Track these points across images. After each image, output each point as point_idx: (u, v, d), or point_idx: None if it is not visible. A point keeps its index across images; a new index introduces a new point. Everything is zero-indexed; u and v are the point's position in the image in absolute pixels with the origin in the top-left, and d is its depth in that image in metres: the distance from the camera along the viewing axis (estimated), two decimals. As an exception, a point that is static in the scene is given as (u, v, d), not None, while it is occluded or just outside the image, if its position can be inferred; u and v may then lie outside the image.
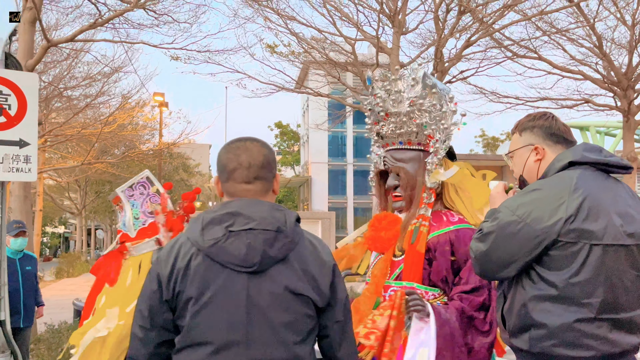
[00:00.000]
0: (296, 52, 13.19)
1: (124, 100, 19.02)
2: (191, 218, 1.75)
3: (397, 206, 2.52)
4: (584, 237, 1.61)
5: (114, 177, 26.31)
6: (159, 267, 1.52)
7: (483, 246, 1.73)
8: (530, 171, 1.86)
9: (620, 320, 1.62)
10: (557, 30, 12.64)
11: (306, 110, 31.36)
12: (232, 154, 1.56)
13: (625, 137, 13.72)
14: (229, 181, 1.57)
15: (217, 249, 1.46)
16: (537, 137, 1.85)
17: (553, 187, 1.70)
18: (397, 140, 2.57)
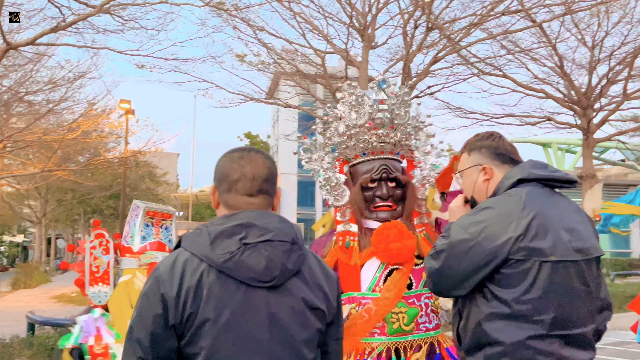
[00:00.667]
0: (266, 62, 13.16)
1: (89, 106, 18.57)
2: (187, 232, 1.48)
3: (385, 216, 2.45)
4: (534, 254, 1.63)
5: (77, 185, 25.61)
6: (162, 287, 1.31)
7: (436, 264, 1.74)
8: (479, 191, 1.87)
9: (571, 336, 1.63)
10: (521, 50, 13.03)
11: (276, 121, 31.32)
12: (236, 164, 1.46)
13: (584, 155, 14.19)
14: (230, 192, 1.45)
15: (234, 264, 1.32)
16: (484, 157, 1.87)
17: (503, 206, 1.71)
18: (396, 150, 2.56)
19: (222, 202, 1.47)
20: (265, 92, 14.02)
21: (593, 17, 12.45)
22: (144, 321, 1.32)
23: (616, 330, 9.12)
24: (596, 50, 12.93)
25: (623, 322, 9.63)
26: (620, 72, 13.29)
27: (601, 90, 13.28)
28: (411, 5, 10.49)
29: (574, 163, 26.42)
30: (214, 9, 10.30)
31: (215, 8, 10.17)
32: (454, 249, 1.70)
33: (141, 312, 1.34)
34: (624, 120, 16.09)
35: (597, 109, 13.66)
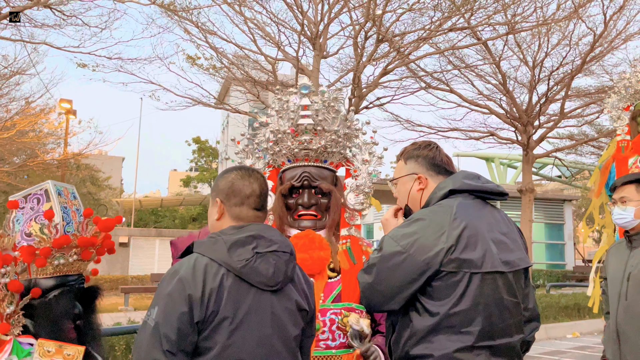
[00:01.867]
0: (217, 67, 12.93)
1: (26, 104, 17.65)
2: (199, 239, 1.65)
3: (307, 225, 2.37)
4: (464, 266, 1.61)
5: (10, 188, 24.16)
6: (188, 288, 1.50)
7: (369, 278, 1.71)
8: (413, 200, 1.87)
9: (498, 347, 1.63)
10: (467, 66, 13.46)
11: (226, 127, 30.87)
12: (247, 181, 1.69)
13: (524, 169, 14.77)
14: (242, 206, 1.67)
15: (248, 270, 1.55)
16: (420, 166, 1.86)
17: (434, 217, 1.68)
18: (321, 158, 2.47)
19: (232, 215, 1.68)
20: (214, 97, 13.74)
21: (534, 38, 13.02)
22: (171, 318, 1.48)
23: (551, 340, 9.46)
24: (536, 70, 13.53)
25: (557, 331, 10.02)
26: (558, 91, 13.96)
27: (540, 108, 13.89)
28: (362, 17, 10.59)
29: (515, 177, 27.52)
30: (162, 8, 10.01)
31: (163, 8, 9.88)
32: (386, 262, 1.67)
33: (167, 311, 1.49)
34: (561, 137, 16.90)
35: (536, 126, 14.26)
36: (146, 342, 1.49)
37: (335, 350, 2.20)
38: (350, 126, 2.53)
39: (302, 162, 2.46)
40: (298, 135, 2.44)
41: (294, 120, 2.44)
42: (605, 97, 3.70)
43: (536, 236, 20.99)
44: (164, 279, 1.56)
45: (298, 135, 2.44)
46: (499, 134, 15.40)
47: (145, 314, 1.60)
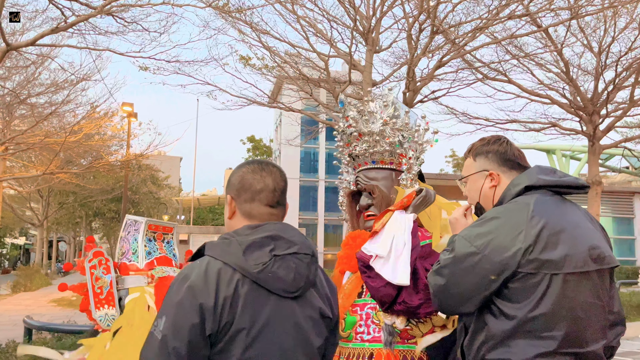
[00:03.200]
0: (269, 66, 13.09)
1: (92, 109, 18.55)
2: (213, 241, 1.49)
3: (370, 225, 2.46)
4: (544, 267, 1.52)
5: (79, 188, 25.56)
6: (199, 297, 1.33)
7: (441, 280, 1.64)
8: (486, 197, 1.79)
9: (583, 354, 1.53)
10: (526, 55, 12.91)
11: (279, 125, 31.25)
12: (258, 175, 1.53)
13: (590, 161, 14.03)
14: (253, 202, 1.51)
15: (266, 275, 1.38)
16: (491, 162, 1.79)
17: (510, 216, 1.60)
18: (369, 159, 2.58)
19: (243, 212, 1.52)
20: (268, 95, 13.93)
21: (600, 22, 12.31)
22: (181, 331, 1.32)
23: (622, 340, 8.98)
24: (602, 56, 12.79)
25: (629, 332, 9.49)
26: (626, 78, 13.14)
27: (607, 96, 13.13)
28: (416, 9, 10.39)
29: (578, 170, 26.26)
30: (217, 11, 10.22)
31: (218, 9, 10.09)
32: (459, 264, 1.59)
33: (177, 322, 1.33)
34: (630, 127, 15.94)
35: (603, 116, 13.51)
36: (152, 356, 1.34)
37: (368, 343, 2.26)
38: (386, 122, 2.55)
39: (357, 169, 2.65)
40: (349, 146, 2.64)
41: (344, 133, 2.65)
42: None
43: (603, 231, 19.97)
44: (173, 284, 1.40)
45: (349, 145, 2.64)
46: (561, 125, 14.71)
47: None
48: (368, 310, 2.30)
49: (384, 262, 2.18)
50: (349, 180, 2.71)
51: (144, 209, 32.88)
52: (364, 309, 2.31)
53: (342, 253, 2.50)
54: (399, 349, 2.22)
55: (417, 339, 2.23)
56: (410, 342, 2.23)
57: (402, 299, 2.15)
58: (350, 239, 2.49)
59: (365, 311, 2.31)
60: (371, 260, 2.19)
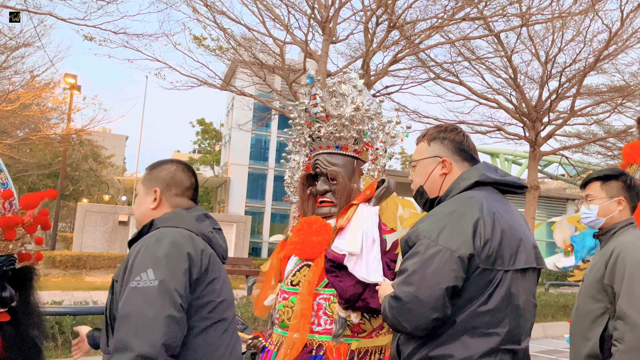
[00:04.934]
0: (224, 48, 12.75)
1: (31, 78, 17.52)
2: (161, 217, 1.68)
3: (324, 212, 2.37)
4: (497, 263, 1.51)
5: (13, 161, 24.15)
6: (185, 247, 1.56)
7: (411, 288, 1.50)
8: (433, 183, 1.76)
9: (518, 352, 1.54)
10: (477, 57, 13.24)
11: (230, 110, 30.69)
12: (187, 174, 1.78)
13: (530, 166, 14.62)
14: (182, 197, 1.75)
15: (214, 239, 1.70)
16: (446, 150, 1.75)
17: (467, 210, 1.56)
18: (333, 144, 2.46)
19: (171, 204, 1.73)
20: (221, 78, 13.58)
21: (548, 32, 12.79)
22: (177, 274, 1.51)
23: (548, 339, 9.39)
24: (549, 66, 13.32)
25: (555, 330, 9.95)
26: (569, 88, 13.75)
27: (550, 104, 13.70)
28: (374, 2, 10.38)
29: (519, 174, 27.36)
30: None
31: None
32: (429, 266, 1.49)
33: (170, 267, 1.50)
34: (568, 135, 16.72)
35: (545, 123, 14.09)
36: (153, 303, 1.43)
37: (317, 335, 2.19)
38: (358, 108, 2.43)
39: (318, 151, 2.50)
40: (311, 125, 2.49)
41: (308, 110, 2.48)
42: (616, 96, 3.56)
43: (538, 234, 20.90)
44: (145, 247, 1.54)
45: (311, 125, 2.49)
46: (506, 129, 15.23)
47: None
48: (320, 300, 2.22)
49: (356, 260, 2.09)
50: (298, 160, 2.59)
51: (84, 187, 31.57)
52: (315, 299, 2.22)
53: (294, 238, 2.34)
54: (347, 342, 2.16)
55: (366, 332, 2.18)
56: (360, 336, 2.17)
57: (365, 297, 2.08)
58: (305, 225, 2.33)
59: (317, 301, 2.22)
60: (345, 259, 2.09)
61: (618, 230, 2.26)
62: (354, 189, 2.39)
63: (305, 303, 2.19)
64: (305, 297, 2.20)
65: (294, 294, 2.26)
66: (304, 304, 2.19)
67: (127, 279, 1.50)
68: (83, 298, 11.37)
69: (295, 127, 2.59)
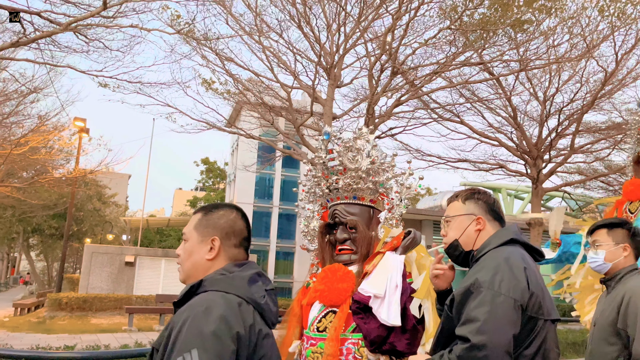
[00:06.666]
0: (232, 92, 13.14)
1: (40, 122, 17.87)
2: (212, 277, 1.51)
3: (343, 259, 2.51)
4: (540, 312, 1.69)
5: (18, 202, 24.29)
6: (235, 324, 1.40)
7: (485, 337, 1.60)
8: (468, 238, 1.93)
9: None
10: (479, 99, 13.61)
11: (235, 149, 31.08)
12: (245, 222, 1.63)
13: (533, 203, 14.78)
14: (239, 247, 1.60)
15: (266, 307, 1.51)
16: (480, 209, 1.94)
17: (515, 261, 1.74)
18: (350, 195, 2.62)
19: (228, 255, 1.57)
20: (225, 119, 13.92)
21: (545, 74, 13.19)
22: (223, 357, 1.36)
23: (560, 378, 9.34)
24: (547, 105, 13.67)
25: (566, 370, 9.87)
26: (568, 126, 14.07)
27: (550, 142, 13.98)
28: (378, 49, 10.80)
29: (521, 208, 27.46)
30: (184, 37, 10.25)
31: (188, 36, 10.12)
32: (497, 314, 1.62)
33: (217, 350, 1.35)
34: (570, 172, 16.96)
35: (546, 160, 14.34)
36: None
37: None
38: (374, 161, 2.62)
39: (336, 201, 2.65)
40: (328, 178, 2.66)
41: (325, 164, 2.66)
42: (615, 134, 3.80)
43: (543, 270, 20.84)
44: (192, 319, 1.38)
45: (328, 177, 2.66)
46: (508, 167, 15.47)
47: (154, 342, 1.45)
48: (349, 345, 2.32)
49: (380, 303, 2.22)
50: (313, 209, 2.73)
51: (88, 227, 31.59)
52: (344, 344, 2.32)
53: (320, 286, 2.42)
54: None
55: None
56: None
57: (391, 340, 2.20)
58: (329, 272, 2.45)
59: (345, 346, 2.32)
60: (370, 300, 2.23)
61: (624, 275, 2.44)
62: (372, 236, 2.53)
63: (333, 348, 2.28)
64: (333, 343, 2.29)
65: (321, 339, 2.35)
66: (332, 349, 2.28)
67: (169, 354, 1.36)
68: (92, 341, 11.35)
69: (312, 178, 2.74)
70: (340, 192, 2.64)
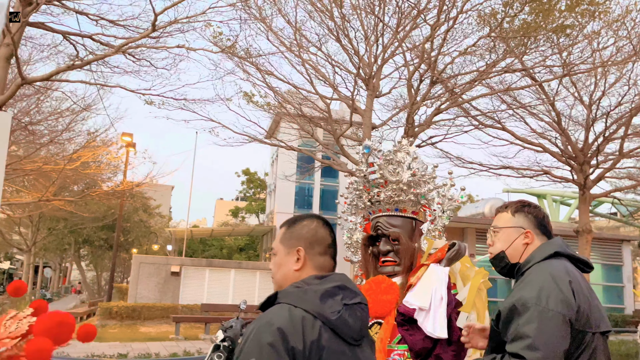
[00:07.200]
0: (272, 104, 13.40)
1: (91, 138, 18.68)
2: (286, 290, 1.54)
3: (387, 271, 2.55)
4: (587, 325, 1.70)
5: (70, 215, 25.38)
6: (291, 340, 1.41)
7: (540, 353, 1.63)
8: (515, 251, 1.95)
9: None
10: (521, 105, 13.34)
11: (275, 160, 31.52)
12: (328, 230, 1.65)
13: (581, 210, 14.33)
14: (325, 255, 1.63)
15: (341, 322, 1.48)
16: (529, 222, 1.97)
17: (560, 275, 1.77)
18: (392, 207, 2.67)
19: (315, 264, 1.61)
20: (266, 131, 14.19)
21: (590, 77, 12.83)
22: None
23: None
24: (593, 108, 13.27)
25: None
26: (616, 130, 13.60)
27: (598, 147, 13.54)
28: (417, 58, 10.80)
29: (568, 215, 26.62)
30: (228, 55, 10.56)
31: (233, 54, 10.43)
32: (548, 330, 1.64)
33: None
34: (619, 177, 16.35)
35: (593, 166, 13.88)
36: None
37: None
38: (414, 173, 2.67)
39: (378, 213, 2.70)
40: (370, 190, 2.73)
41: (366, 177, 2.73)
42: None
43: (593, 278, 20.14)
44: (257, 329, 1.45)
45: (370, 190, 2.73)
46: (553, 173, 15.06)
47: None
48: (395, 356, 2.37)
49: (425, 315, 2.27)
50: (355, 222, 2.79)
51: (134, 238, 32.60)
52: (390, 355, 2.37)
53: None
54: None
55: None
56: None
57: (437, 352, 2.24)
58: (374, 284, 2.49)
59: (391, 357, 2.37)
60: (415, 313, 2.27)
61: None
62: (415, 248, 2.57)
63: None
64: (380, 354, 2.34)
65: None
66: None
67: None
68: (142, 349, 11.73)
69: (354, 191, 2.81)
70: (382, 205, 2.69)
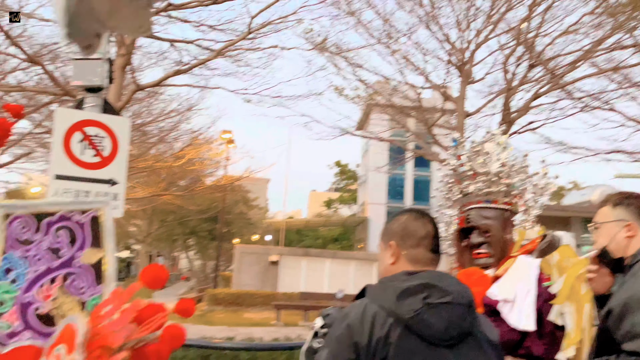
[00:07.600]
0: (361, 96, 13.51)
1: (195, 136, 19.97)
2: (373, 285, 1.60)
3: (481, 263, 2.55)
4: None
5: (178, 208, 27.40)
6: (355, 336, 1.43)
7: None
8: (618, 245, 1.89)
9: None
10: (633, 84, 12.27)
11: (366, 151, 31.64)
12: (420, 222, 1.63)
13: None
14: (419, 247, 1.60)
15: (418, 321, 1.44)
16: (631, 214, 1.89)
17: None
18: (483, 198, 2.66)
19: (409, 257, 1.60)
20: (356, 122, 14.33)
21: None
22: None
23: None
24: None
25: None
26: None
27: None
28: (513, 41, 10.36)
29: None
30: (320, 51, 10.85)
31: (325, 51, 10.71)
32: None
33: (336, 355, 1.45)
34: None
35: None
36: None
37: None
38: (504, 164, 2.64)
39: (469, 206, 2.70)
40: (460, 183, 2.73)
41: (456, 171, 2.74)
42: None
43: None
44: (336, 320, 1.53)
45: (460, 183, 2.73)
46: (673, 156, 13.69)
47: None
48: None
49: (510, 307, 2.26)
50: (451, 214, 2.79)
51: (236, 229, 34.44)
52: None
53: None
54: None
55: None
56: None
57: (527, 345, 2.23)
58: (465, 276, 2.48)
59: None
60: (498, 305, 2.28)
61: None
62: (507, 239, 2.53)
63: None
64: None
65: None
66: None
67: None
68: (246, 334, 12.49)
69: (445, 184, 2.82)
70: (473, 197, 2.68)
